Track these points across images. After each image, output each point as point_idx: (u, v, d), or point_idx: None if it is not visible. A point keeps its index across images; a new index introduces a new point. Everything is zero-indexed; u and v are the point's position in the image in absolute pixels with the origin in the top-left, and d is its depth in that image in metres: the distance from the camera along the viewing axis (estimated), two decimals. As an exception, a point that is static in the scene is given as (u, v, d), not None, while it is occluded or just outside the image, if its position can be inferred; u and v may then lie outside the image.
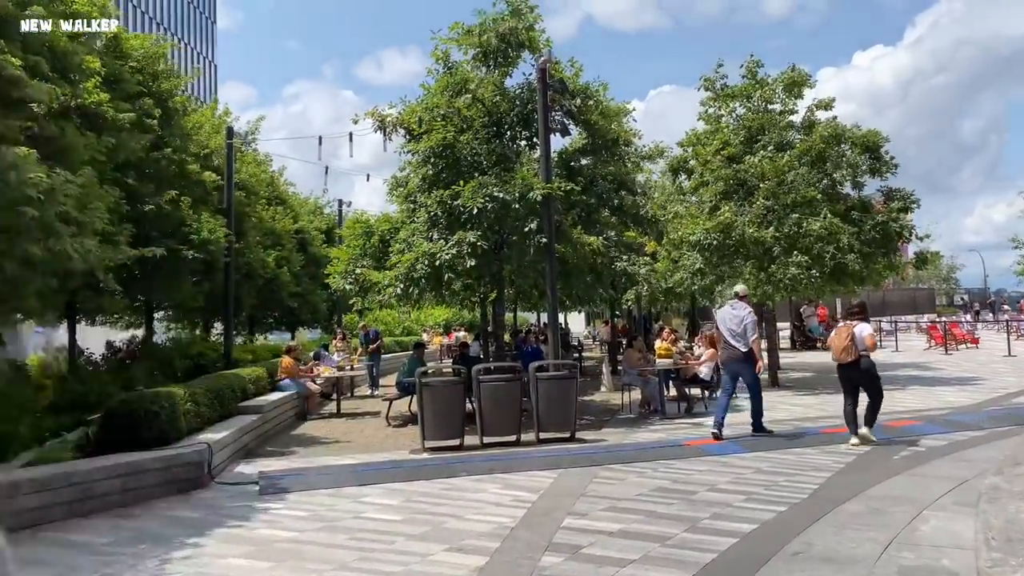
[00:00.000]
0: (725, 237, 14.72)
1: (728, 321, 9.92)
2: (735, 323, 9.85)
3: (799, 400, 13.94)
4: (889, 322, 36.04)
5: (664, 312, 34.02)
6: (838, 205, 15.73)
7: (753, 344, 9.79)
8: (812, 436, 9.86)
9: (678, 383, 13.31)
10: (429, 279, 11.43)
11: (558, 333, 11.69)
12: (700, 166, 16.84)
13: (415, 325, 36.14)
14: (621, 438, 10.40)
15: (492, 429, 9.93)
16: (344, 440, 11.50)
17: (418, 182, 12.87)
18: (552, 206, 11.58)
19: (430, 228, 12.09)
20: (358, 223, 13.58)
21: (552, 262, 11.50)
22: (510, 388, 9.99)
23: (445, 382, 9.90)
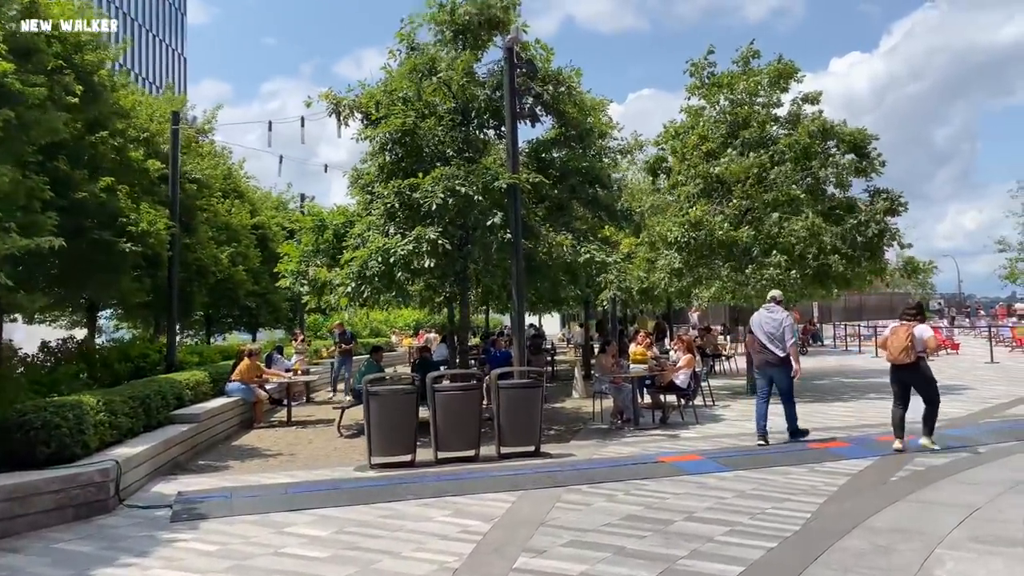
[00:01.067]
0: (700, 236, 13.84)
1: (765, 325, 9.64)
2: (772, 327, 9.57)
3: (780, 410, 13.06)
4: (867, 326, 35.51)
5: (640, 315, 33.19)
6: (822, 204, 14.95)
7: (791, 349, 9.51)
8: (799, 452, 8.99)
9: (653, 391, 12.41)
10: (383, 278, 10.44)
11: (524, 336, 10.75)
12: (677, 163, 16.00)
13: (384, 326, 35.01)
14: (591, 452, 9.48)
15: (448, 443, 8.95)
16: (287, 453, 10.48)
17: (375, 171, 11.88)
18: (518, 199, 10.64)
19: (387, 222, 11.11)
20: (310, 216, 12.52)
21: (518, 259, 10.56)
22: (468, 398, 9.02)
23: (395, 391, 8.91)
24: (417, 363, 13.15)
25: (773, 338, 9.54)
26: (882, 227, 14.55)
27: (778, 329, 9.53)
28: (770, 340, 9.55)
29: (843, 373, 19.81)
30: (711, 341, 20.52)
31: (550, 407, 14.83)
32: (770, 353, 9.56)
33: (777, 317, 9.65)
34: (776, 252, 13.84)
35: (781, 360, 9.51)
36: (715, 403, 14.02)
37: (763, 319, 9.73)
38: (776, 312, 9.74)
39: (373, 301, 11.02)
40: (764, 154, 14.70)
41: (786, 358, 9.51)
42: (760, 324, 9.72)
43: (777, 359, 9.52)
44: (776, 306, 9.87)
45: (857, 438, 9.79)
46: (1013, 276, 20.77)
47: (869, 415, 12.00)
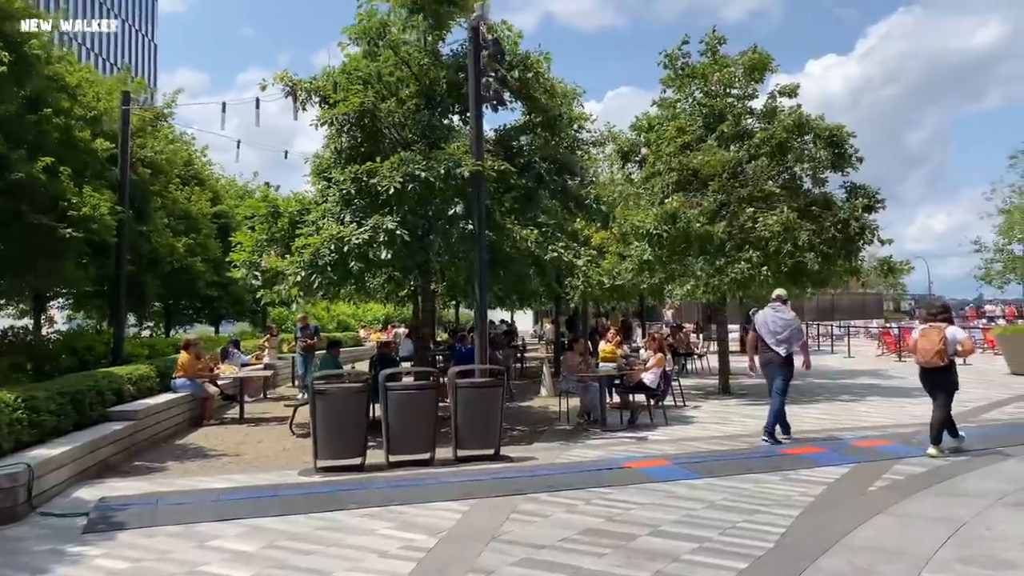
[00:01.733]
0: (674, 229, 13.35)
1: (771, 324, 9.48)
2: (779, 326, 9.43)
3: (753, 411, 12.66)
4: (839, 327, 35.43)
5: (612, 311, 32.73)
6: (798, 201, 14.53)
7: (800, 348, 9.52)
8: (772, 458, 8.52)
9: (621, 390, 11.92)
10: (336, 268, 9.82)
11: (486, 332, 10.18)
12: (652, 154, 15.51)
13: (352, 320, 34.27)
14: (554, 456, 8.95)
15: (401, 446, 8.38)
16: (232, 453, 9.85)
17: (332, 156, 11.25)
18: (483, 187, 10.07)
19: (342, 209, 10.50)
20: (264, 202, 11.85)
21: (481, 251, 9.99)
22: (423, 397, 8.44)
23: (344, 389, 8.31)
24: (377, 359, 12.53)
25: (778, 337, 9.40)
26: (862, 223, 14.16)
27: (784, 329, 9.41)
28: (774, 339, 9.41)
29: (817, 374, 19.47)
30: (683, 340, 20.10)
31: (516, 406, 14.30)
32: (772, 352, 9.42)
33: (785, 317, 9.51)
34: (748, 247, 13.41)
35: (783, 360, 9.40)
36: (686, 403, 13.56)
37: (769, 318, 9.55)
38: (783, 312, 9.59)
39: (325, 292, 10.37)
40: (741, 148, 14.25)
41: (788, 358, 9.42)
42: (766, 323, 9.54)
43: (780, 359, 9.39)
44: (783, 306, 9.71)
45: (832, 443, 9.35)
46: (988, 277, 20.58)
47: (843, 419, 11.60)
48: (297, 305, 10.82)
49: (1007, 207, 20.07)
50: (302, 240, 10.17)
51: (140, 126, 16.19)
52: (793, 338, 9.43)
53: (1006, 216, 19.90)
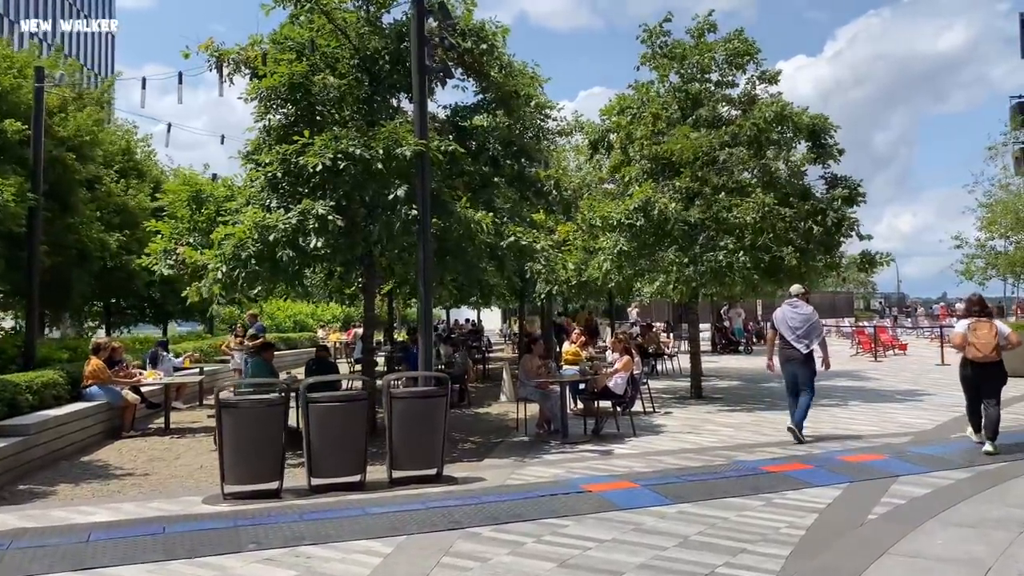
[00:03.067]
0: (647, 218, 12.30)
1: (790, 320, 9.29)
2: (799, 322, 9.23)
3: (728, 418, 11.65)
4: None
5: (580, 310, 31.64)
6: (775, 192, 13.54)
7: (820, 345, 9.30)
8: (754, 477, 7.46)
9: (585, 397, 10.82)
10: (262, 261, 8.60)
11: (431, 332, 9.01)
12: (620, 141, 14.44)
13: (311, 320, 32.81)
14: (505, 475, 7.81)
15: (326, 467, 7.19)
16: (140, 473, 8.62)
17: (260, 135, 10.02)
18: (427, 168, 8.91)
19: (269, 194, 9.29)
20: (184, 186, 10.56)
21: (425, 240, 8.84)
22: (351, 411, 7.26)
23: (255, 402, 7.11)
24: (313, 365, 11.27)
25: (797, 333, 9.20)
26: (841, 215, 13.22)
27: (804, 325, 9.19)
28: (794, 335, 9.20)
29: (791, 375, 18.56)
30: (653, 339, 19.09)
31: (473, 412, 13.20)
32: (793, 350, 9.22)
33: (803, 312, 9.29)
34: (724, 234, 12.42)
35: (804, 357, 9.19)
36: (656, 409, 12.53)
37: (787, 314, 9.33)
38: (802, 308, 9.37)
39: (251, 289, 9.14)
40: (716, 135, 13.24)
41: (809, 355, 9.21)
42: (784, 319, 9.33)
43: (800, 355, 9.19)
44: (800, 301, 9.49)
45: (819, 458, 8.32)
46: (969, 273, 19.88)
47: (825, 427, 10.61)
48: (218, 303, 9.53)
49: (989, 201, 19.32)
50: (223, 229, 8.94)
51: (59, 105, 14.80)
52: (813, 334, 9.20)
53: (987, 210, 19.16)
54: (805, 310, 9.35)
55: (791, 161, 13.62)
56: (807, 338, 9.17)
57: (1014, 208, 18.19)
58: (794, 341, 9.19)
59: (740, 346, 26.62)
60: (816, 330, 9.27)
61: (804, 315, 9.28)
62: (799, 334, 9.17)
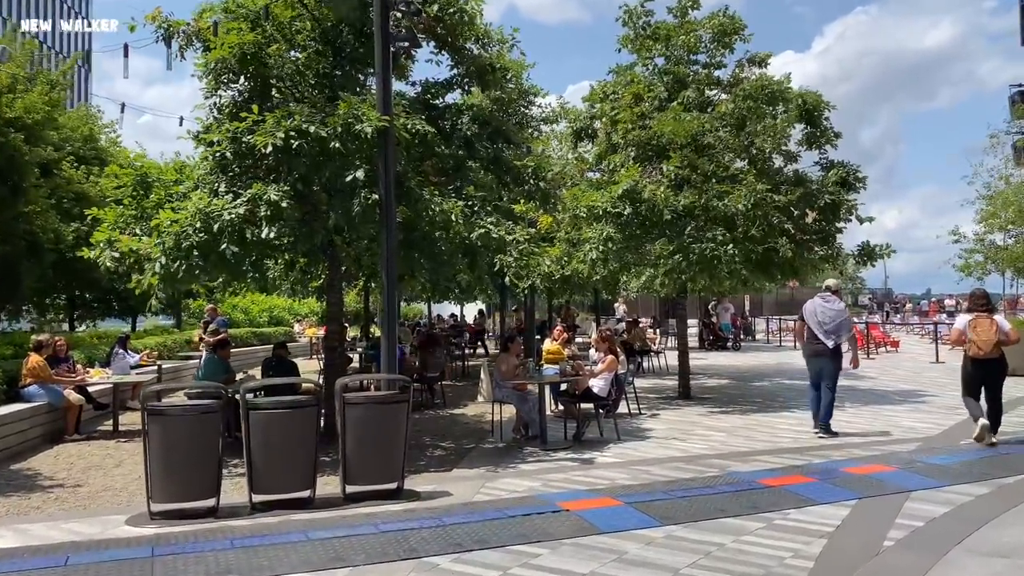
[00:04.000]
0: (634, 205, 11.52)
1: (819, 314, 9.22)
2: (828, 317, 9.16)
3: (719, 421, 10.90)
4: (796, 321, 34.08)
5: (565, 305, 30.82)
6: (767, 179, 12.79)
7: (848, 341, 9.38)
8: (752, 493, 6.68)
9: (566, 399, 10.03)
10: (204, 251, 7.74)
11: (395, 329, 8.18)
12: (607, 126, 13.64)
13: (287, 315, 31.78)
14: (474, 489, 7.01)
15: (270, 482, 6.36)
16: (71, 484, 7.76)
17: (209, 113, 9.15)
18: (391, 147, 8.07)
19: (218, 177, 8.43)
20: (129, 170, 9.65)
21: (390, 228, 8.00)
22: (299, 418, 6.43)
23: (187, 409, 6.27)
24: (271, 364, 10.37)
25: (826, 328, 9.13)
26: (836, 199, 12.46)
27: (833, 320, 9.12)
28: (822, 330, 9.14)
29: (783, 373, 17.87)
30: (639, 335, 18.32)
31: (448, 414, 12.39)
32: (820, 344, 9.16)
33: (835, 307, 9.22)
34: (713, 224, 11.66)
35: (831, 352, 9.14)
36: (641, 411, 11.76)
37: (818, 308, 9.26)
38: (833, 302, 9.29)
39: (190, 283, 8.29)
40: (704, 119, 12.47)
41: (836, 349, 9.15)
42: (814, 312, 9.27)
43: (827, 350, 9.12)
44: (832, 296, 9.40)
45: (821, 469, 7.56)
46: (968, 269, 19.22)
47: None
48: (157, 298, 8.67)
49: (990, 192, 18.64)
50: (166, 215, 8.07)
51: (9, 85, 13.86)
52: (842, 329, 9.17)
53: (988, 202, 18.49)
54: (836, 305, 9.29)
55: (784, 147, 12.82)
56: (835, 333, 9.11)
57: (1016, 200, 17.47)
58: (822, 335, 9.13)
59: (728, 342, 25.93)
60: (846, 326, 9.25)
61: (835, 310, 9.21)
62: (828, 329, 9.10)
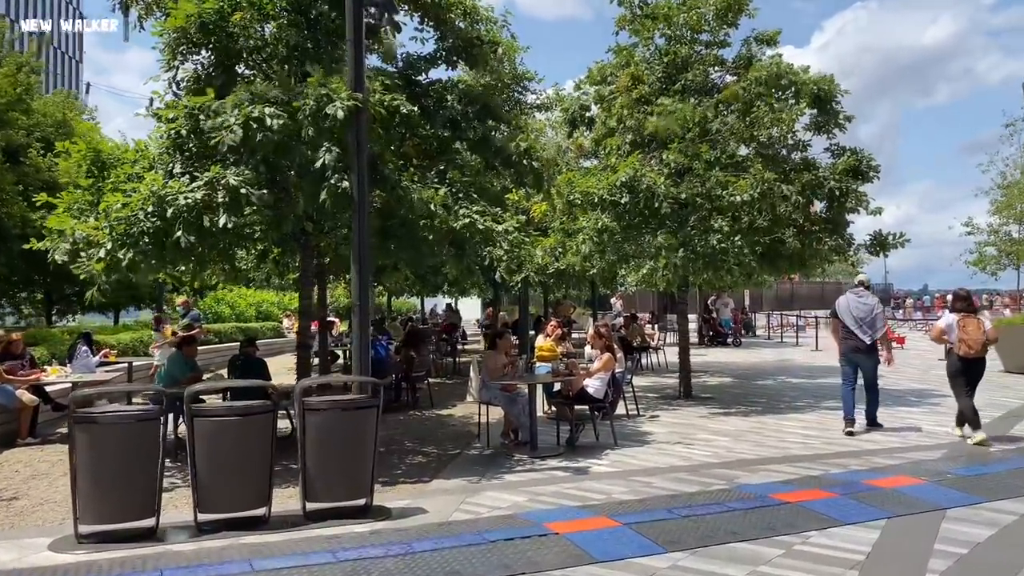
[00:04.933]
0: (633, 195, 10.75)
1: (854, 310, 9.21)
2: (863, 312, 9.16)
3: (723, 424, 10.14)
4: (799, 317, 33.47)
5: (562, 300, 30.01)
6: (775, 167, 12.01)
7: (882, 338, 9.31)
8: (765, 511, 5.91)
9: (558, 401, 9.26)
10: (155, 239, 6.96)
11: (367, 326, 7.38)
12: (603, 112, 12.86)
13: (276, 309, 30.95)
14: (453, 506, 6.23)
15: (218, 500, 5.57)
16: (8, 496, 7.03)
17: (168, 88, 8.34)
18: (364, 128, 7.27)
19: (174, 156, 7.64)
20: (87, 151, 8.81)
21: (361, 216, 7.21)
22: (251, 427, 5.65)
23: (121, 417, 5.48)
24: (238, 363, 9.55)
25: (862, 324, 9.13)
26: (843, 187, 11.68)
27: (868, 315, 9.13)
28: (858, 326, 9.13)
29: (786, 371, 17.13)
30: (637, 331, 17.54)
31: (434, 415, 11.65)
32: (857, 340, 9.14)
33: (868, 302, 9.23)
34: (717, 216, 10.90)
35: (868, 347, 9.14)
36: (640, 412, 11.01)
37: (852, 303, 9.24)
38: (867, 297, 9.33)
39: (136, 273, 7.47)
40: (707, 103, 11.70)
41: (873, 345, 9.17)
42: (848, 309, 9.24)
43: (865, 346, 9.13)
44: (865, 291, 9.45)
45: (841, 481, 6.80)
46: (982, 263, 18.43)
47: (836, 435, 9.14)
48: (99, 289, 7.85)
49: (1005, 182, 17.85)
50: (113, 197, 7.29)
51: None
52: (878, 324, 9.14)
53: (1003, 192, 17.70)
54: (870, 299, 9.28)
55: (794, 132, 12.02)
56: (872, 328, 9.09)
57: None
58: (859, 331, 9.08)
59: (728, 338, 25.18)
60: (880, 321, 9.22)
61: (869, 305, 9.19)
62: (864, 324, 9.08)
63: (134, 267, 7.14)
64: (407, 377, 12.36)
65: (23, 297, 21.23)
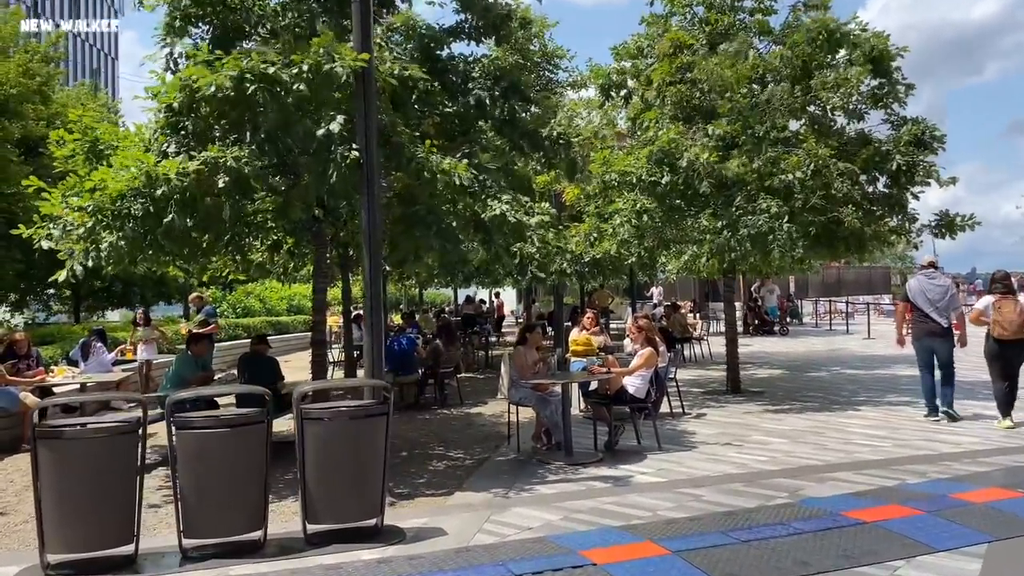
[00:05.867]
0: (674, 172, 9.89)
1: (928, 292, 8.92)
2: (937, 294, 8.86)
3: (778, 423, 9.24)
4: (848, 303, 32.17)
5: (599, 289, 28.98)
6: (829, 140, 11.02)
7: (958, 319, 9.11)
8: (838, 532, 5.05)
9: (594, 400, 8.45)
10: (144, 224, 6.29)
11: (381, 323, 6.65)
12: (642, 86, 11.95)
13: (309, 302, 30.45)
14: (475, 525, 5.47)
15: (206, 523, 4.88)
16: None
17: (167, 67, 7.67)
18: (373, 93, 6.52)
19: (168, 135, 6.97)
20: (83, 137, 8.15)
21: (372, 191, 6.46)
22: (244, 440, 4.94)
23: (92, 431, 4.80)
24: (245, 362, 8.82)
25: (936, 306, 8.82)
26: (909, 160, 10.63)
27: (943, 296, 8.83)
28: (933, 308, 8.83)
29: (840, 361, 16.08)
30: (679, 322, 16.61)
31: (463, 413, 10.93)
32: (933, 323, 8.83)
33: (942, 284, 8.96)
34: (766, 196, 9.98)
35: (944, 330, 8.83)
36: (685, 410, 10.15)
37: (925, 286, 8.96)
38: (939, 278, 9.08)
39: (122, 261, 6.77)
40: (763, 62, 10.78)
41: (949, 329, 8.87)
42: (922, 291, 8.95)
43: (941, 329, 8.82)
44: (937, 272, 9.29)
45: (924, 494, 5.88)
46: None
47: (907, 435, 8.21)
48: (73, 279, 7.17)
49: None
50: (98, 174, 6.63)
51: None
52: (952, 306, 8.88)
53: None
54: (943, 281, 9.03)
55: (852, 103, 10.98)
56: (947, 311, 8.82)
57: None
58: (934, 314, 8.79)
59: (775, 327, 24.08)
60: (956, 302, 9.00)
61: (943, 286, 8.91)
62: (939, 306, 8.79)
63: (118, 255, 6.46)
64: (434, 373, 11.65)
65: (51, 294, 20.93)
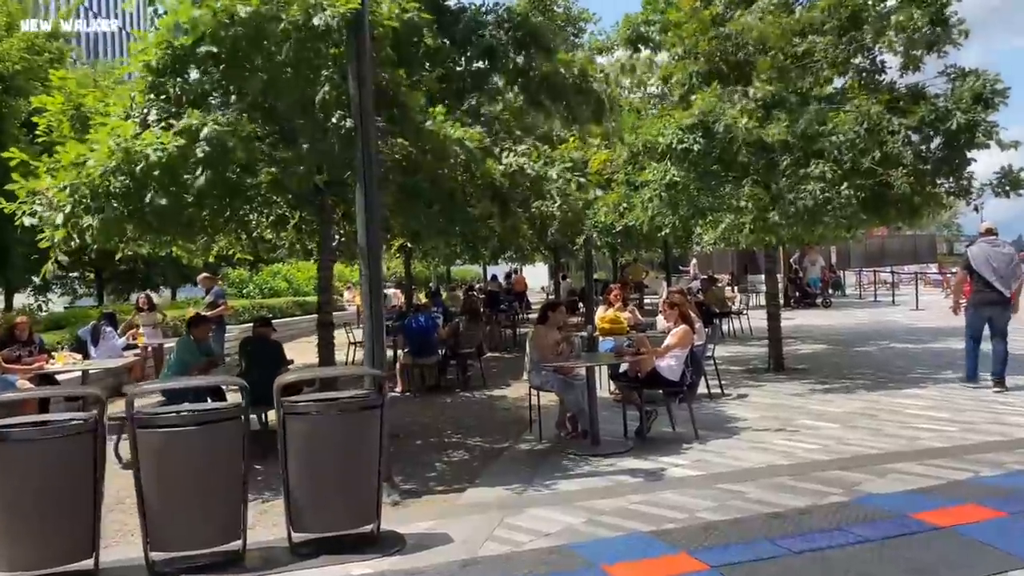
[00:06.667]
0: (709, 138, 9.08)
1: (993, 260, 8.68)
2: (1002, 262, 8.65)
3: (828, 406, 8.44)
4: (893, 273, 30.95)
5: (632, 263, 28.10)
6: (880, 96, 10.08)
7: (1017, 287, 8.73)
8: (907, 540, 4.31)
9: (624, 384, 7.72)
10: (125, 202, 5.71)
11: (380, 301, 5.98)
12: (672, 40, 11.08)
13: (338, 283, 29.99)
14: (485, 529, 4.82)
15: (175, 534, 4.29)
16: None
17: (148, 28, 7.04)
18: (368, 43, 5.82)
19: (151, 100, 6.37)
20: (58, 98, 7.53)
21: (368, 160, 5.79)
22: (214, 440, 4.33)
23: (41, 432, 4.21)
24: (249, 348, 8.18)
25: (1000, 274, 8.62)
26: (971, 118, 9.63)
27: (1008, 265, 8.66)
28: (998, 277, 8.62)
29: (888, 335, 15.14)
30: (716, 296, 15.77)
31: (485, 396, 10.31)
32: (995, 292, 8.63)
33: (1007, 252, 8.75)
34: (816, 160, 9.10)
35: (1006, 299, 8.66)
36: (724, 391, 9.39)
37: (989, 253, 8.73)
38: (1003, 246, 8.90)
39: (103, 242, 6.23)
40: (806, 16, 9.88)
41: (1009, 298, 8.66)
42: (987, 259, 8.70)
43: (1002, 298, 8.65)
44: (998, 238, 9.01)
45: (1002, 490, 5.08)
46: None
47: (973, 415, 7.39)
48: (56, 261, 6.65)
49: None
50: (75, 147, 6.06)
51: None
52: (1016, 275, 8.67)
53: None
54: (1007, 249, 8.81)
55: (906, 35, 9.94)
56: (1011, 279, 8.60)
57: None
58: (997, 283, 8.57)
59: (817, 299, 23.06)
60: (1020, 271, 8.73)
61: (1009, 254, 8.71)
62: (1003, 275, 8.57)
63: (105, 236, 5.91)
64: (455, 354, 11.03)
65: (75, 276, 20.73)
